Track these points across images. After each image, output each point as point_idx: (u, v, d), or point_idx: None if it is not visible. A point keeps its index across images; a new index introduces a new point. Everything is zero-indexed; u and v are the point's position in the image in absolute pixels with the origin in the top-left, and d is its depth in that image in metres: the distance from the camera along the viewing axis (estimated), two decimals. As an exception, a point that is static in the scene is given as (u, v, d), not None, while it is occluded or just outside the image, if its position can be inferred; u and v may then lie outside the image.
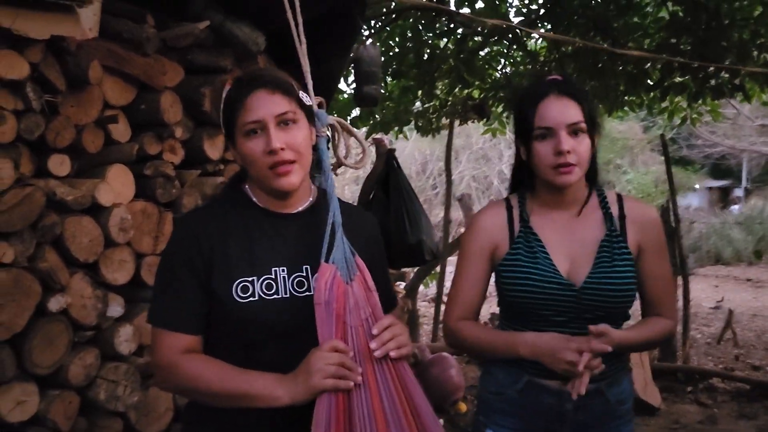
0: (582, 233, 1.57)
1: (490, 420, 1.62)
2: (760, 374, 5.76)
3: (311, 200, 1.43)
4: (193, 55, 2.63)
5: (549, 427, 1.55)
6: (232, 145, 1.37)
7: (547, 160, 1.50)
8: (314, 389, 1.21)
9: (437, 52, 5.07)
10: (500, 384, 1.60)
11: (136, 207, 2.36)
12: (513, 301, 1.56)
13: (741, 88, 4.66)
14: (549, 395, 1.53)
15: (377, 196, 4.20)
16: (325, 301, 1.26)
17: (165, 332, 1.31)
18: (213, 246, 1.32)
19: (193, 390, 1.30)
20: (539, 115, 1.50)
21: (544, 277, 1.52)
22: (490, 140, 14.21)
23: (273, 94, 1.32)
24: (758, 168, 22.09)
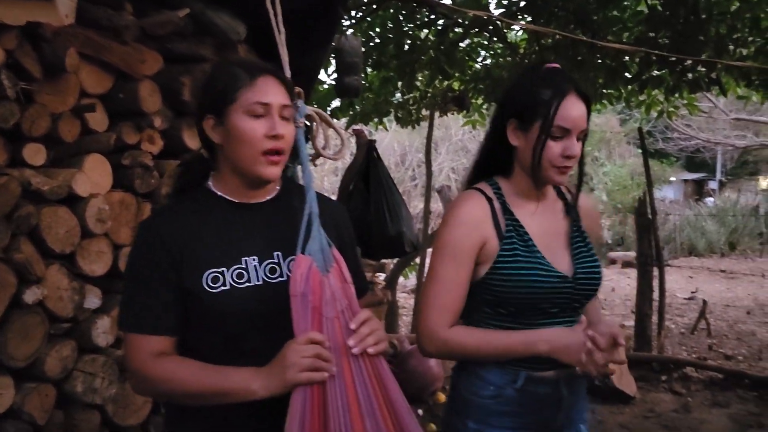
0: (555, 223, 1.58)
1: (484, 424, 1.54)
2: (732, 363, 5.88)
3: (277, 189, 1.43)
4: (173, 43, 2.59)
5: (545, 415, 1.56)
6: (219, 120, 1.32)
7: (554, 160, 1.47)
8: (289, 383, 1.20)
9: (418, 44, 5.06)
10: (497, 386, 1.53)
11: (113, 197, 2.33)
12: (509, 297, 1.50)
13: (717, 82, 4.73)
14: (545, 386, 1.53)
15: (357, 187, 4.20)
16: (301, 293, 1.25)
17: (135, 336, 1.29)
18: (180, 244, 1.30)
19: (169, 392, 1.29)
20: (562, 113, 1.45)
21: (543, 271, 1.49)
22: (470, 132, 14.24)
23: (280, 85, 1.33)
24: (732, 161, 22.48)
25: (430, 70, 5.36)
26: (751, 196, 19.36)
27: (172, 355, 1.31)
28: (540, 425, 1.56)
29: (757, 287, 10.70)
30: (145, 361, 1.28)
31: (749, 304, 9.07)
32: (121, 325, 1.33)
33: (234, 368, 1.25)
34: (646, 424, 4.37)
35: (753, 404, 4.80)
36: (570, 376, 1.53)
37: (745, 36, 4.52)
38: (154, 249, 1.29)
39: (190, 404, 1.29)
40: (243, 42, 2.82)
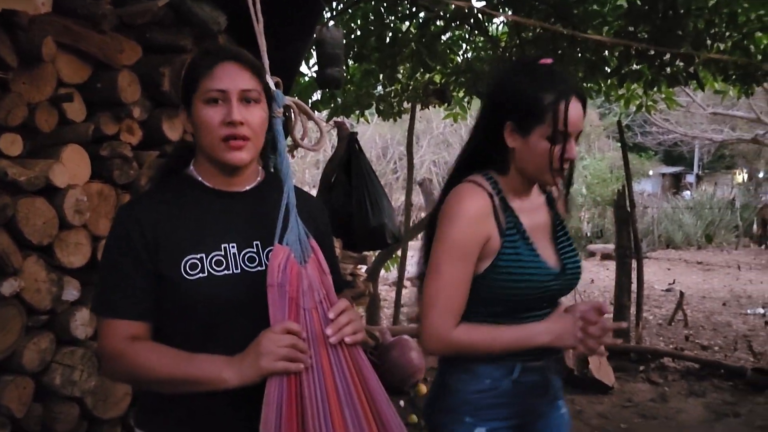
0: (541, 218, 1.59)
1: (479, 418, 1.53)
2: (708, 353, 5.98)
3: (259, 179, 1.43)
4: (152, 33, 2.56)
5: (533, 402, 1.59)
6: (187, 112, 1.34)
7: (554, 162, 1.46)
8: (264, 371, 1.19)
9: (399, 36, 5.05)
10: (493, 379, 1.53)
11: (92, 188, 2.31)
12: (506, 294, 1.50)
13: (695, 76, 4.78)
14: (535, 374, 1.56)
15: (339, 179, 4.20)
16: (279, 283, 1.24)
17: (108, 320, 1.28)
18: (157, 229, 1.29)
19: (140, 378, 1.28)
20: (571, 116, 1.43)
21: (541, 267, 1.50)
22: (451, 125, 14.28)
23: (242, 69, 1.31)
24: (709, 155, 22.78)
25: (411, 63, 5.35)
26: (727, 190, 19.67)
27: (145, 340, 1.30)
28: (528, 411, 1.60)
29: (733, 279, 10.88)
30: (117, 346, 1.26)
31: (725, 296, 9.22)
32: (95, 309, 1.32)
33: (206, 356, 1.24)
34: (624, 414, 4.44)
35: (728, 393, 4.88)
36: (556, 362, 1.59)
37: (723, 31, 4.57)
38: (131, 234, 1.28)
39: (161, 390, 1.28)
40: (224, 32, 2.80)
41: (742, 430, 4.13)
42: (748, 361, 5.62)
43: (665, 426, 4.23)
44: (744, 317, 7.74)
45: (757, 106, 14.10)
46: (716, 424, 4.26)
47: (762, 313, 7.97)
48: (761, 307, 8.28)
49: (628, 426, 4.21)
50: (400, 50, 5.08)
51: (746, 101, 12.21)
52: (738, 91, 5.44)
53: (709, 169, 24.35)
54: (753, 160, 20.78)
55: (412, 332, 5.50)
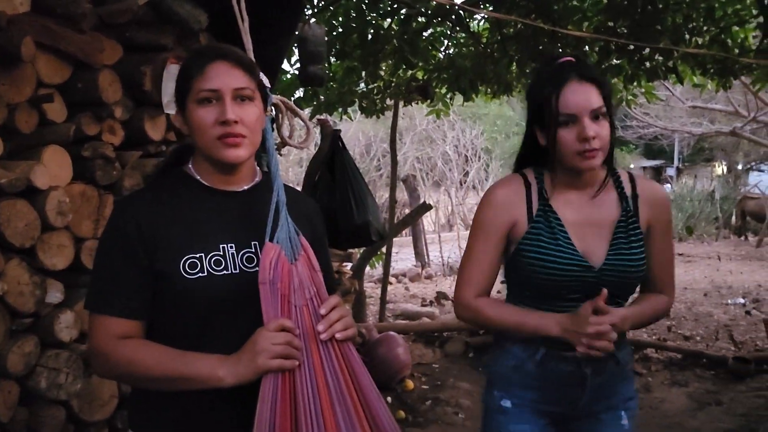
0: (599, 214, 1.60)
1: (508, 392, 1.65)
2: (690, 344, 6.06)
3: (257, 179, 1.43)
4: (132, 32, 2.54)
5: (569, 393, 1.61)
6: (182, 114, 1.35)
7: (572, 147, 1.50)
8: (260, 369, 1.20)
9: (381, 33, 5.05)
10: (518, 357, 1.63)
11: (74, 190, 2.29)
12: (531, 279, 1.58)
13: (674, 70, 4.84)
14: (567, 363, 1.58)
15: (323, 177, 4.19)
16: (270, 281, 1.25)
17: (101, 317, 1.28)
18: (155, 227, 1.29)
19: (132, 375, 1.27)
20: (563, 101, 1.50)
21: (565, 258, 1.54)
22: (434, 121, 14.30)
23: (234, 67, 1.31)
24: (689, 148, 23.02)
25: (393, 60, 5.35)
26: (707, 182, 19.90)
27: (137, 338, 1.29)
28: (566, 403, 1.63)
29: (713, 270, 11.03)
30: (109, 343, 1.26)
31: (706, 287, 9.35)
32: (88, 305, 1.31)
33: (200, 354, 1.24)
34: (609, 405, 4.48)
35: (710, 383, 4.96)
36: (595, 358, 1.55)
37: (701, 25, 4.63)
38: (128, 229, 1.28)
39: (154, 388, 1.28)
40: (205, 31, 2.79)
41: (724, 418, 4.19)
42: (729, 350, 5.71)
43: (649, 416, 4.28)
44: (725, 307, 7.85)
45: (735, 99, 14.27)
46: (699, 412, 4.33)
47: (742, 303, 8.09)
48: (741, 297, 8.41)
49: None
50: (382, 47, 5.08)
51: (724, 94, 12.35)
52: (716, 85, 5.51)
53: (689, 161, 24.63)
54: (732, 152, 21.04)
55: (399, 328, 5.53)
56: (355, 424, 1.24)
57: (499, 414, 1.66)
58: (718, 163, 22.62)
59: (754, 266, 11.67)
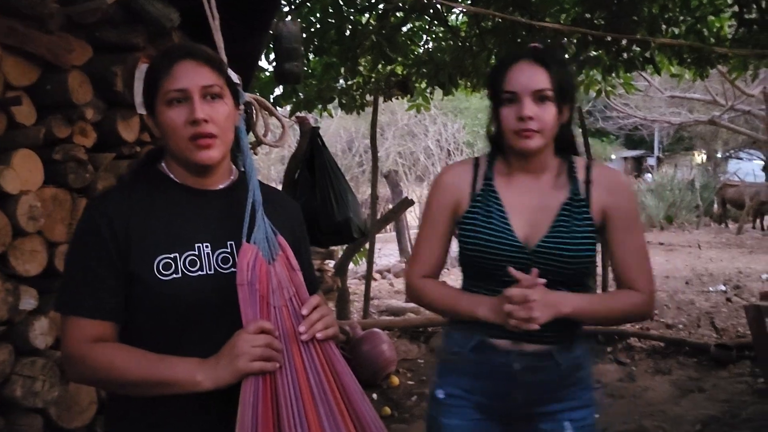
0: (546, 198, 1.58)
1: (443, 380, 1.65)
2: (672, 332, 6.12)
3: (233, 178, 1.40)
4: (102, 32, 2.50)
5: (500, 387, 1.58)
6: (152, 116, 1.32)
7: (509, 125, 1.52)
8: (240, 373, 1.18)
9: (359, 29, 5.03)
10: (457, 344, 1.63)
11: (46, 194, 2.24)
12: (468, 259, 1.60)
13: (651, 61, 4.87)
14: (499, 355, 1.56)
15: (303, 175, 4.16)
16: (248, 282, 1.23)
17: (74, 319, 1.24)
18: (129, 227, 1.26)
19: (107, 380, 1.24)
20: (507, 79, 1.52)
21: (496, 237, 1.54)
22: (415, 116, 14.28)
23: (201, 66, 1.29)
24: (668, 137, 23.25)
25: (372, 55, 5.33)
26: (687, 171, 20.11)
27: (112, 341, 1.26)
28: (498, 398, 1.59)
29: (695, 258, 11.15)
30: (83, 346, 1.22)
31: (687, 275, 9.44)
32: (60, 307, 1.27)
33: (177, 358, 1.21)
34: (594, 395, 4.51)
35: (693, 370, 5.01)
36: (527, 354, 1.54)
37: (677, 15, 4.66)
38: (101, 229, 1.25)
39: (130, 393, 1.25)
40: (177, 29, 2.74)
41: (707, 404, 4.24)
42: (711, 337, 5.77)
43: (633, 404, 4.32)
44: (706, 295, 7.93)
45: (713, 88, 14.42)
46: (682, 400, 4.37)
47: (723, 290, 8.18)
48: (723, 285, 8.50)
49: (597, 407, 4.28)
50: (360, 43, 5.06)
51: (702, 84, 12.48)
52: (693, 74, 5.56)
53: (669, 151, 24.88)
54: (711, 141, 21.28)
55: (383, 325, 5.52)
56: (339, 424, 1.23)
57: (434, 404, 1.66)
58: (697, 152, 22.87)
59: (734, 253, 11.82)
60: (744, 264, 10.39)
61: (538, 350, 1.55)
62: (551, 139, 1.56)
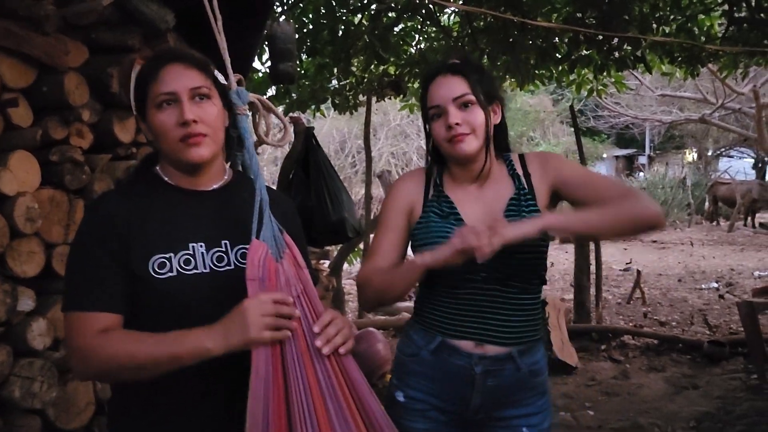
0: (492, 197, 1.59)
1: (402, 383, 1.62)
2: (666, 329, 6.16)
3: (226, 178, 1.43)
4: (98, 33, 2.51)
5: (460, 391, 1.56)
6: (143, 120, 1.36)
7: (441, 135, 1.56)
8: (251, 341, 1.19)
9: (352, 29, 5.04)
10: (416, 345, 1.60)
11: (43, 195, 2.25)
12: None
13: (642, 60, 4.90)
14: (459, 357, 1.54)
15: (297, 175, 4.17)
16: (260, 278, 1.25)
17: (79, 314, 1.25)
18: (129, 225, 1.28)
19: (117, 367, 1.23)
20: (429, 96, 1.57)
21: (450, 235, 1.51)
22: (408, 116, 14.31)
23: (188, 68, 1.32)
24: (659, 136, 23.35)
25: (365, 56, 5.34)
26: (678, 169, 20.23)
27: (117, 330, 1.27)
28: (457, 401, 1.57)
29: (687, 256, 11.22)
30: (91, 338, 1.23)
31: (680, 272, 9.51)
32: (67, 306, 1.27)
33: (182, 331, 1.22)
34: (588, 393, 4.54)
35: (687, 366, 5.04)
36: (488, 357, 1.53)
37: (667, 14, 4.69)
38: (104, 228, 1.28)
39: (141, 377, 1.24)
40: (172, 30, 2.75)
41: (701, 401, 4.27)
42: (704, 334, 5.81)
43: (628, 402, 4.34)
44: (699, 292, 7.99)
45: (704, 87, 14.50)
46: (676, 397, 4.40)
47: (716, 287, 8.24)
48: (715, 282, 8.56)
49: (592, 404, 4.31)
50: (353, 43, 5.06)
51: (693, 82, 12.55)
52: (684, 73, 5.59)
53: (660, 149, 24.99)
54: (701, 139, 21.39)
55: (378, 324, 5.53)
56: (348, 417, 1.24)
57: (393, 405, 1.61)
58: (688, 150, 22.98)
59: (726, 250, 11.90)
60: (736, 261, 10.47)
61: (500, 353, 1.54)
62: (487, 141, 1.57)
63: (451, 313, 1.57)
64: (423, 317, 1.63)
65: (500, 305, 1.54)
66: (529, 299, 1.57)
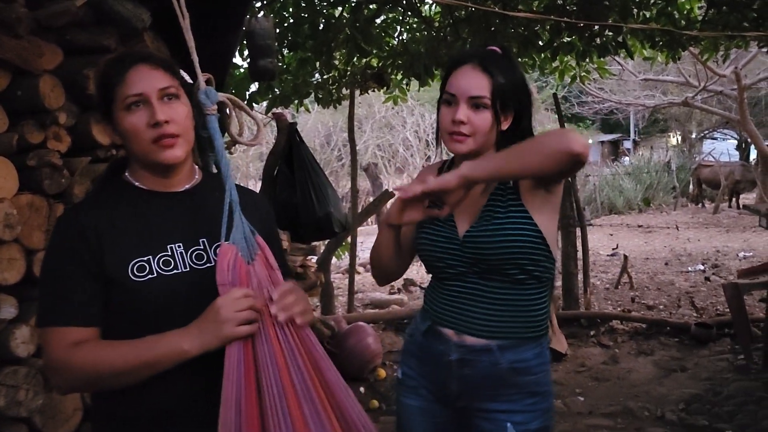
0: (477, 192, 1.58)
1: (402, 361, 1.73)
2: (654, 313, 6.21)
3: (197, 178, 1.42)
4: (72, 34, 2.46)
5: (439, 374, 1.61)
6: (109, 123, 1.34)
7: (445, 125, 1.56)
8: (227, 338, 1.20)
9: (332, 22, 5.00)
10: (415, 327, 1.70)
11: (21, 201, 2.21)
12: (420, 256, 1.67)
13: (624, 45, 4.90)
14: (441, 342, 1.60)
15: (282, 171, 4.16)
16: (230, 282, 1.24)
17: (54, 329, 1.25)
18: (100, 233, 1.27)
19: (96, 377, 1.24)
20: (450, 81, 1.56)
21: (436, 232, 1.60)
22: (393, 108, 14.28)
23: (154, 69, 1.31)
24: (644, 120, 23.49)
25: (347, 49, 5.31)
26: (663, 153, 20.34)
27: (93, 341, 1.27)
28: (437, 384, 1.62)
29: (673, 239, 11.31)
30: (65, 353, 1.23)
31: (667, 256, 9.58)
32: (41, 321, 1.27)
33: (158, 335, 1.23)
34: (578, 378, 4.58)
35: (675, 349, 5.09)
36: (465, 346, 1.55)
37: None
38: (74, 241, 1.27)
39: (121, 385, 1.25)
40: (149, 29, 2.71)
41: (690, 383, 4.31)
42: (691, 317, 5.87)
43: (617, 386, 4.38)
44: (685, 275, 8.05)
45: (686, 70, 14.57)
46: (665, 380, 4.44)
47: (702, 269, 8.31)
48: (701, 264, 8.63)
49: (582, 390, 4.35)
50: (334, 36, 5.03)
51: (675, 66, 12.61)
52: (666, 57, 5.61)
53: (645, 134, 25.13)
54: (685, 122, 21.53)
55: (368, 318, 5.53)
56: (323, 418, 1.23)
57: (396, 384, 1.74)
58: (672, 134, 23.12)
59: (711, 233, 12.01)
60: (722, 243, 10.57)
61: (476, 344, 1.55)
62: (487, 144, 1.56)
63: (439, 302, 1.63)
64: (425, 303, 1.70)
65: (480, 298, 1.56)
66: (513, 294, 1.55)
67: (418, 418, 1.66)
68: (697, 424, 3.60)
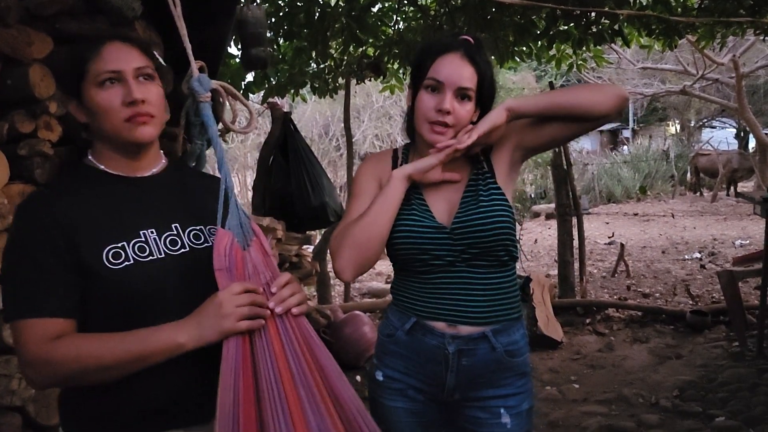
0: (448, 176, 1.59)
1: (381, 362, 1.64)
2: (649, 301, 6.22)
3: (163, 163, 1.40)
4: (63, 23, 2.45)
5: (434, 370, 1.57)
6: (77, 99, 1.29)
7: (426, 112, 1.52)
8: (226, 332, 1.18)
9: (328, 11, 4.98)
10: (393, 326, 1.62)
11: (13, 190, 2.21)
12: (395, 249, 1.57)
13: (620, 33, 4.89)
14: (433, 337, 1.55)
15: (276, 161, 4.16)
16: (227, 267, 1.24)
17: (29, 322, 1.17)
18: (72, 220, 1.22)
19: (80, 372, 1.18)
20: (435, 67, 1.51)
21: (418, 223, 1.54)
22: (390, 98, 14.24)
23: (131, 47, 1.29)
24: (642, 109, 23.44)
25: (342, 38, 5.29)
26: (661, 142, 20.33)
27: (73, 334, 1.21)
28: (432, 381, 1.58)
29: (670, 227, 11.32)
30: (46, 345, 1.17)
31: (663, 244, 9.59)
32: (12, 314, 1.19)
33: (150, 328, 1.19)
34: (574, 366, 4.60)
35: (670, 337, 5.11)
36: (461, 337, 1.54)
37: (643, -14, 4.68)
38: (46, 228, 1.20)
39: (108, 379, 1.20)
40: (140, 18, 2.70)
41: (685, 370, 4.33)
42: (687, 304, 5.88)
43: (612, 374, 4.40)
44: (682, 263, 8.07)
45: (684, 58, 14.53)
46: (660, 367, 4.46)
47: (698, 257, 8.33)
48: (698, 252, 8.65)
49: (578, 377, 4.36)
50: (330, 25, 5.01)
51: (673, 54, 12.57)
52: (662, 45, 5.59)
53: (643, 122, 25.09)
54: (684, 110, 21.48)
55: (365, 307, 5.54)
56: (319, 404, 1.23)
57: (374, 386, 1.66)
58: (671, 122, 23.08)
59: (709, 221, 12.02)
60: (719, 231, 10.58)
61: (473, 333, 1.54)
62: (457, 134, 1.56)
63: (424, 297, 1.57)
64: (399, 300, 1.63)
65: (470, 286, 1.54)
66: (499, 277, 1.57)
67: (406, 420, 1.61)
68: (690, 411, 3.62)
